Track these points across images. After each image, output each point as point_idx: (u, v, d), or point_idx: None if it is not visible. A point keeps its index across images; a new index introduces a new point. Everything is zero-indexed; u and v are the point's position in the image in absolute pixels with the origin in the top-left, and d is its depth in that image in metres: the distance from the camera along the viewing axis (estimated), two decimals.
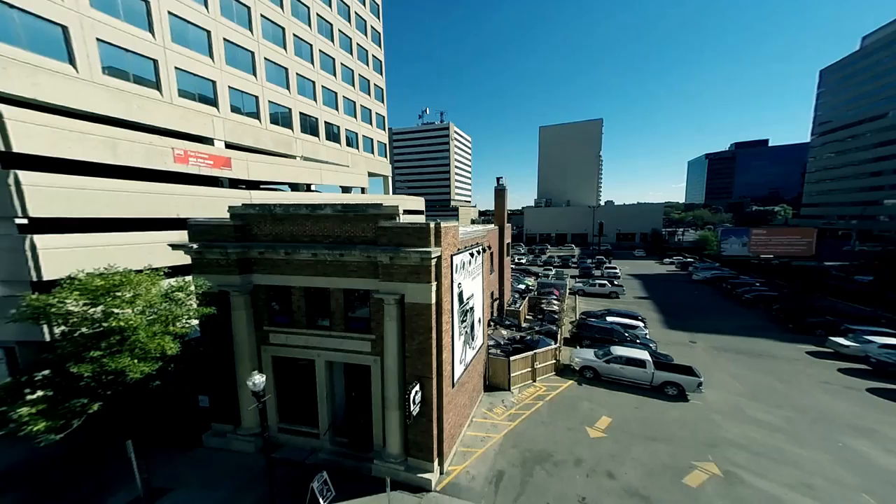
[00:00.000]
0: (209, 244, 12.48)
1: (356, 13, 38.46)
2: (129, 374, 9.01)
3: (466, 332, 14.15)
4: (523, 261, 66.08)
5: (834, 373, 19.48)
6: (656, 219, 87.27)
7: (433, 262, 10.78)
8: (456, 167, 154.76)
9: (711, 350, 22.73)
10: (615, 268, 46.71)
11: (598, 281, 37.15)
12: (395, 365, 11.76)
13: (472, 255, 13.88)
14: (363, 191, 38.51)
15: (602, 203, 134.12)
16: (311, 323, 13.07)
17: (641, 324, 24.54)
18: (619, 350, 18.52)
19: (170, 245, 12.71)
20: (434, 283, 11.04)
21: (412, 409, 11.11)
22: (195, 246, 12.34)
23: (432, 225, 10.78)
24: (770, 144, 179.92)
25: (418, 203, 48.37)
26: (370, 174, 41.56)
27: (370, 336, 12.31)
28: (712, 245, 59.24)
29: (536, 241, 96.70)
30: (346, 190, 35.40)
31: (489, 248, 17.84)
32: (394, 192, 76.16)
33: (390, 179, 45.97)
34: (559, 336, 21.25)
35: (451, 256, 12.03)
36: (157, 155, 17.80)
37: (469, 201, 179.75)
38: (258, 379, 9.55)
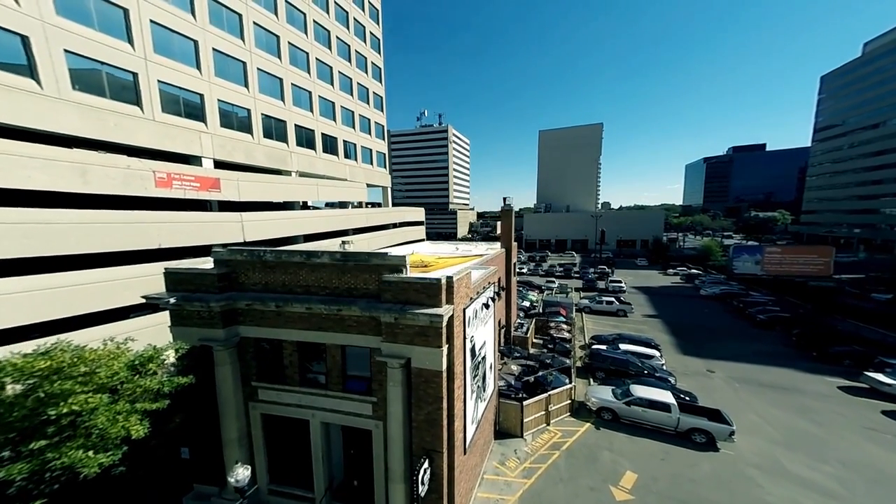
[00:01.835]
0: (189, 296, 10.97)
1: (355, 19, 36.94)
2: (81, 469, 7.46)
3: (478, 386, 12.72)
4: (524, 270, 64.76)
5: (877, 415, 17.80)
6: (657, 226, 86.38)
7: (444, 323, 9.33)
8: (454, 170, 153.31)
9: (732, 382, 21.42)
10: (620, 281, 45.48)
11: (605, 298, 35.87)
12: (399, 434, 10.30)
13: (485, 305, 12.46)
14: (361, 205, 36.99)
15: (599, 205, 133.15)
16: (304, 380, 11.62)
17: (657, 352, 23.19)
18: (640, 391, 17.15)
19: (143, 297, 11.15)
20: (445, 347, 9.59)
21: (420, 490, 9.65)
22: (172, 300, 10.80)
23: (443, 280, 9.33)
24: (768, 149, 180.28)
25: (418, 214, 46.95)
26: (368, 185, 40.04)
27: (371, 399, 10.87)
28: (716, 255, 58.32)
29: (536, 248, 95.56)
30: (343, 205, 33.86)
31: (503, 289, 16.39)
32: (392, 196, 74.51)
33: (389, 190, 44.45)
34: (573, 371, 19.87)
35: (464, 310, 10.60)
36: (136, 180, 16.20)
37: (467, 204, 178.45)
38: (241, 474, 8.06)
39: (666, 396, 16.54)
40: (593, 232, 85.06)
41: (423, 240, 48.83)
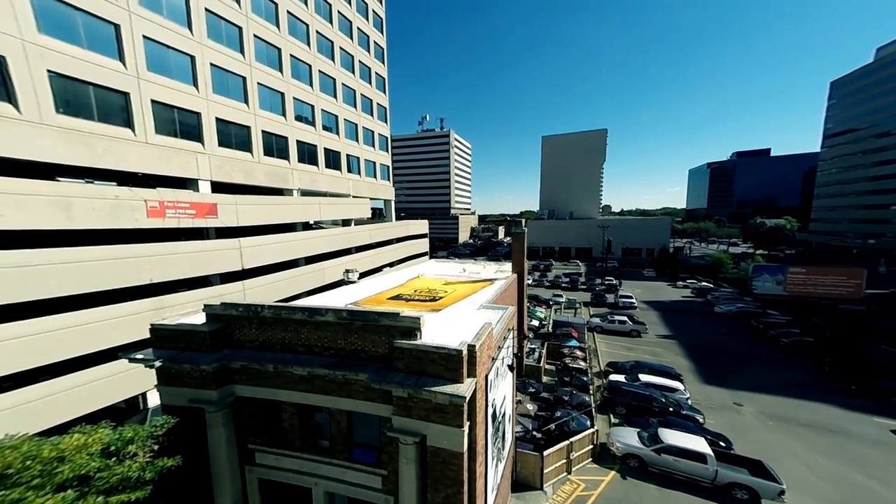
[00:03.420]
0: (177, 355, 9.77)
1: (358, 28, 35.93)
2: None
3: (498, 448, 11.43)
4: (529, 280, 63.37)
5: None
6: (664, 234, 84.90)
7: (466, 401, 8.06)
8: (456, 174, 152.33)
9: (764, 419, 19.85)
10: (631, 297, 44.05)
11: (617, 317, 34.49)
12: None
13: (510, 367, 11.19)
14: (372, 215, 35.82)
15: (601, 208, 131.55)
16: (306, 445, 10.38)
17: (680, 385, 21.75)
18: (669, 436, 15.78)
19: (126, 358, 9.94)
20: (466, 425, 8.31)
21: None
22: (158, 362, 9.60)
23: (465, 351, 8.06)
24: (772, 154, 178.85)
25: (422, 227, 45.78)
26: (371, 199, 38.89)
27: (381, 471, 9.60)
28: (727, 267, 56.86)
29: (539, 255, 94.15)
30: (346, 223, 32.67)
31: (519, 349, 15.07)
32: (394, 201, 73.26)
33: (393, 203, 43.29)
34: (593, 411, 18.49)
35: (486, 376, 9.34)
36: (126, 211, 15.02)
37: (469, 208, 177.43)
38: None
39: (700, 445, 15.14)
40: (598, 239, 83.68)
41: (426, 253, 47.65)
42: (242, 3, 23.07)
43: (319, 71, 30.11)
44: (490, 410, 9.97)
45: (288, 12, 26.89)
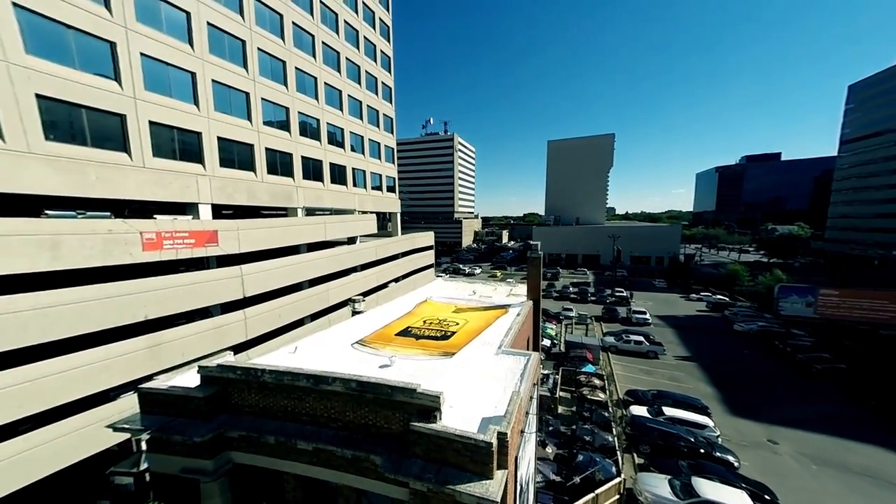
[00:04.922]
0: (168, 424, 8.72)
1: (365, 37, 35.03)
2: None
3: None
4: None
5: None
6: (673, 242, 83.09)
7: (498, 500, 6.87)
8: (460, 178, 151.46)
9: (805, 461, 18.06)
10: (644, 311, 42.48)
11: (633, 337, 33.03)
12: None
13: (542, 444, 9.96)
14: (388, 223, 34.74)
15: (605, 211, 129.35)
16: None
17: (709, 421, 20.28)
18: (707, 489, 14.39)
19: (110, 427, 8.90)
20: None
21: None
22: (146, 435, 8.57)
23: (495, 441, 6.88)
24: (783, 158, 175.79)
25: (427, 239, 44.67)
26: (378, 213, 37.87)
27: None
28: (743, 279, 55.05)
29: (545, 262, 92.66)
30: (351, 240, 31.63)
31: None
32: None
33: (398, 216, 42.23)
34: (618, 452, 17.14)
35: (516, 458, 8.15)
36: (119, 245, 14.04)
37: (472, 212, 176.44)
38: None
39: (742, 501, 13.78)
40: (605, 246, 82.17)
41: (431, 265, 46.51)
42: (246, 16, 22.20)
43: (325, 83, 29.19)
44: (518, 489, 8.79)
45: (293, 23, 26.00)
